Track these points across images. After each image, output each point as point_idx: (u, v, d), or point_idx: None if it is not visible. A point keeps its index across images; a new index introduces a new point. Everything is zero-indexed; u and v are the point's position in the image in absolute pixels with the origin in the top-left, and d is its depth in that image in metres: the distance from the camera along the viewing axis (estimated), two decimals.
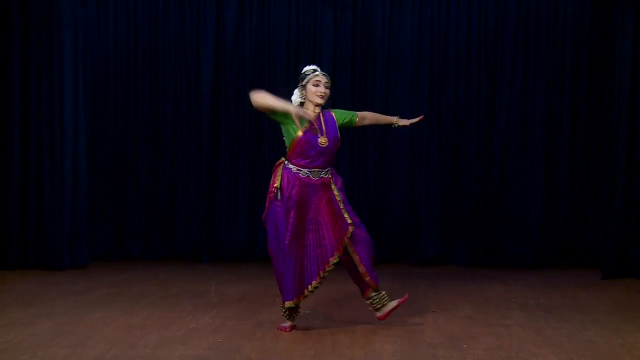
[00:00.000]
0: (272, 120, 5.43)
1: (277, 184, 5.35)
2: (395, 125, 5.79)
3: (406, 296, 5.61)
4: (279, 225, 5.33)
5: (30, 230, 8.19)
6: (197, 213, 8.88)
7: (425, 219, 8.79)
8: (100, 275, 7.84)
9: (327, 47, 8.74)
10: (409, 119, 8.87)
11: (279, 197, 5.32)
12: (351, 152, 8.77)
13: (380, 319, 5.57)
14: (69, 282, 7.45)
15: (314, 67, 5.50)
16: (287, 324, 5.46)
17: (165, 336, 5.30)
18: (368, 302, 5.59)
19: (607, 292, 7.16)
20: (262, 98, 5.24)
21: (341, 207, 5.36)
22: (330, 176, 5.43)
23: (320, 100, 5.41)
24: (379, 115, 5.84)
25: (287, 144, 5.38)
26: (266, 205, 5.43)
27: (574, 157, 8.66)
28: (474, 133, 8.77)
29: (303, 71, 5.50)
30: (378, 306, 5.58)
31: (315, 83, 5.40)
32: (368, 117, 5.71)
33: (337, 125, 5.48)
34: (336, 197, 5.38)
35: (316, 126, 5.32)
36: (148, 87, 8.92)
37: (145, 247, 8.92)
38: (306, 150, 5.32)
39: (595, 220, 8.44)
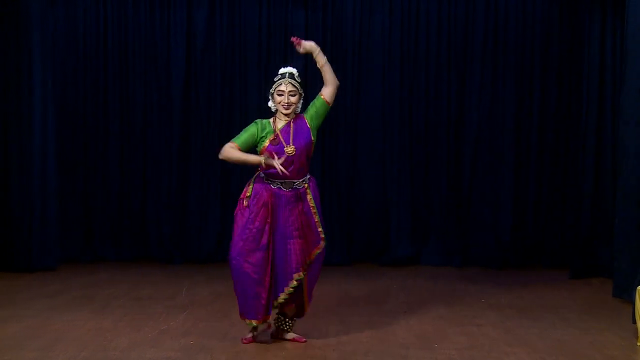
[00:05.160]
0: (242, 120, 5.36)
1: (248, 194, 5.18)
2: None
3: (305, 340, 5.26)
4: (237, 235, 5.12)
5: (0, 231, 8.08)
6: (168, 214, 8.83)
7: (396, 219, 8.81)
8: (71, 277, 7.77)
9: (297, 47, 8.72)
10: (381, 118, 8.93)
11: (245, 205, 5.14)
12: (322, 153, 8.75)
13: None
14: (39, 285, 7.39)
15: (285, 70, 5.27)
16: (250, 335, 5.25)
17: (137, 338, 5.29)
18: (281, 317, 5.28)
19: (577, 291, 7.25)
20: (228, 154, 5.18)
21: (316, 219, 5.19)
22: (306, 186, 5.21)
23: (285, 111, 5.17)
24: (326, 72, 5.36)
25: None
26: (235, 215, 5.22)
27: (543, 159, 8.72)
28: (445, 134, 8.81)
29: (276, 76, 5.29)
30: (286, 327, 5.29)
31: (279, 92, 5.19)
32: (326, 81, 5.32)
33: (309, 128, 5.22)
34: (312, 208, 5.19)
35: (281, 138, 5.12)
36: (118, 88, 8.85)
37: (116, 249, 8.85)
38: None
39: (564, 221, 8.50)
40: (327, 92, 5.32)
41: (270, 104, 5.28)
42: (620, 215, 6.74)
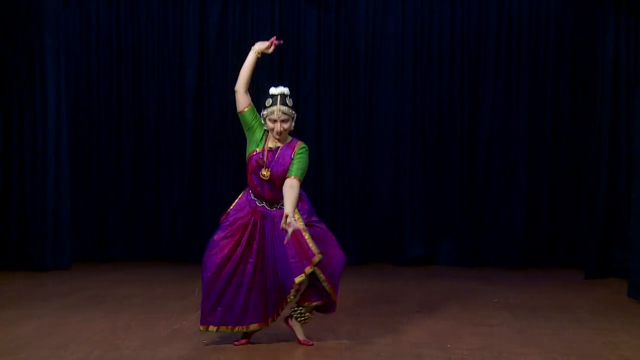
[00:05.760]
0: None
1: (232, 207, 5.12)
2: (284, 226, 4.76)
3: (312, 344, 5.13)
4: (212, 242, 5.03)
5: (13, 231, 8.16)
6: (181, 214, 8.87)
7: (410, 219, 8.82)
8: (84, 277, 7.82)
9: (310, 47, 8.75)
10: (394, 119, 8.95)
11: (225, 218, 5.09)
12: (336, 153, 8.78)
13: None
14: (52, 284, 7.44)
15: (276, 92, 4.99)
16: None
17: (149, 337, 5.29)
18: (298, 308, 5.14)
19: (591, 291, 7.23)
20: (239, 79, 5.02)
21: (306, 237, 4.91)
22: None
23: (277, 137, 4.98)
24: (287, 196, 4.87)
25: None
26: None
27: (557, 158, 8.71)
28: (458, 133, 8.82)
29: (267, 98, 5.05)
30: (301, 319, 5.15)
31: (271, 120, 4.97)
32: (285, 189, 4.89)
33: (291, 160, 4.99)
34: (300, 228, 4.80)
35: (264, 158, 4.96)
36: (131, 88, 8.91)
37: (129, 248, 8.90)
38: (251, 176, 5.02)
39: (578, 220, 8.49)
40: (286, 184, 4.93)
41: (262, 122, 5.05)
42: (635, 215, 6.71)
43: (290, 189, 4.86)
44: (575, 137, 8.65)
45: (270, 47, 5.11)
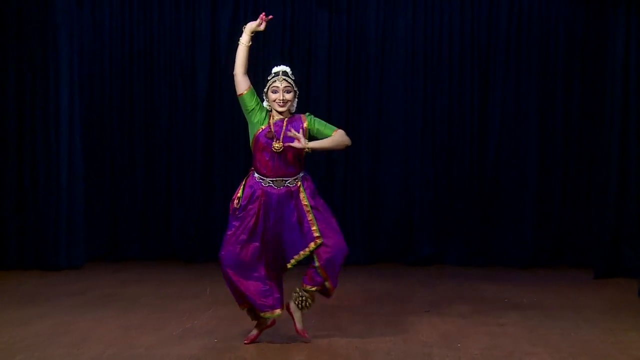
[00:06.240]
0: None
1: (239, 194, 5.14)
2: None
3: (308, 337, 5.17)
4: (226, 237, 5.07)
5: (28, 231, 8.21)
6: (192, 214, 8.91)
7: (420, 219, 8.84)
8: (97, 276, 7.86)
9: (321, 49, 8.78)
10: (404, 119, 8.96)
11: (237, 206, 5.10)
12: (346, 153, 8.79)
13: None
14: (66, 283, 7.48)
15: (278, 69, 5.17)
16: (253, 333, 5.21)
17: (162, 336, 5.34)
18: (299, 292, 5.14)
19: (600, 291, 7.22)
20: (236, 63, 5.17)
21: (309, 218, 5.05)
22: (299, 184, 5.11)
23: (280, 109, 5.05)
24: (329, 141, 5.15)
25: (251, 147, 5.16)
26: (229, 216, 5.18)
27: (567, 158, 8.71)
28: (468, 133, 8.83)
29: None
30: (300, 303, 5.14)
31: (273, 89, 5.09)
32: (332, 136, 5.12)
33: (304, 131, 5.08)
34: (305, 207, 5.06)
35: (272, 130, 5.03)
36: (143, 89, 8.95)
37: (141, 248, 8.94)
38: (261, 154, 5.06)
39: (588, 220, 8.48)
40: (338, 136, 5.16)
41: (265, 103, 5.15)
42: None
43: (331, 137, 5.10)
44: (585, 137, 8.64)
45: (260, 24, 5.17)
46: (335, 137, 5.15)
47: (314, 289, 5.12)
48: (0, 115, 8.21)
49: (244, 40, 5.15)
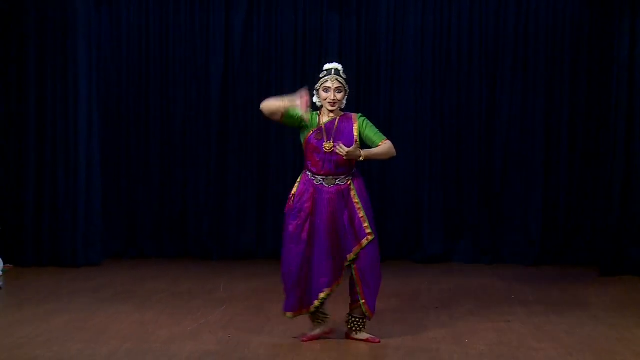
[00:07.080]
0: (278, 123, 5.26)
1: (293, 191, 5.23)
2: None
3: (379, 341, 5.23)
4: (288, 235, 5.15)
5: (46, 228, 8.29)
6: (207, 212, 8.98)
7: (429, 218, 8.89)
8: (114, 273, 7.93)
9: (332, 51, 8.80)
10: (413, 119, 8.98)
11: (292, 204, 5.16)
12: None
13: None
14: (83, 279, 7.55)
15: (330, 66, 5.19)
16: (317, 331, 5.29)
17: (177, 332, 5.41)
18: (350, 317, 5.29)
19: (606, 289, 7.25)
20: (265, 105, 5.04)
21: (361, 215, 5.14)
22: (349, 182, 5.19)
23: (331, 108, 5.13)
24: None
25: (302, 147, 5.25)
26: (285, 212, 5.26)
27: (573, 157, 8.73)
28: (476, 133, 8.87)
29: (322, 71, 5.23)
30: (355, 328, 5.27)
31: (325, 88, 5.14)
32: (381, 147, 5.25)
33: (355, 131, 5.18)
34: (356, 205, 5.15)
35: (324, 133, 5.13)
36: (159, 90, 9.00)
37: (157, 246, 9.02)
38: (312, 155, 5.14)
39: (594, 218, 8.50)
40: (388, 147, 5.30)
41: (315, 99, 5.20)
42: None
43: (381, 146, 5.19)
44: (591, 136, 8.66)
45: (302, 105, 4.99)
46: (385, 147, 5.26)
47: (356, 305, 5.21)
48: (21, 116, 8.31)
49: (285, 105, 5.03)
